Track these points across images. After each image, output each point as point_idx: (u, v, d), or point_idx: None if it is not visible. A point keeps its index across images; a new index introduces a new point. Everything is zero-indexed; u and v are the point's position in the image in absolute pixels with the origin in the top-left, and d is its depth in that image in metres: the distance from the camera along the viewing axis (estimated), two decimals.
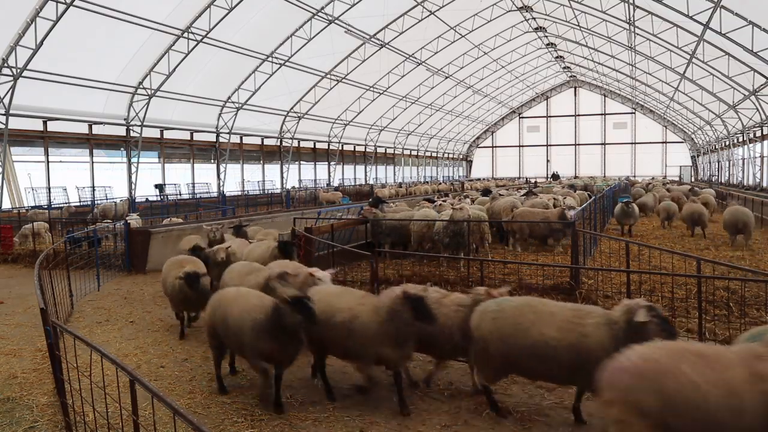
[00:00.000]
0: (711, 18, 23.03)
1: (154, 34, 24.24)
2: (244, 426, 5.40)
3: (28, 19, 19.58)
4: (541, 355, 5.02)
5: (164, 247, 14.00)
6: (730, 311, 8.46)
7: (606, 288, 9.71)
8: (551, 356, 4.97)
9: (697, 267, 7.98)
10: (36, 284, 6.38)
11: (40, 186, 25.29)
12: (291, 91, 34.98)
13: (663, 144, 62.57)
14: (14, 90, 20.77)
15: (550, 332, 5.01)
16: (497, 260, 12.28)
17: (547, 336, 5.00)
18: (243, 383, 6.50)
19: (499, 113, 67.53)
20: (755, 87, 27.38)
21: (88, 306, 10.42)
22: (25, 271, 14.20)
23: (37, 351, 7.71)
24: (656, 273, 10.03)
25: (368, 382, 6.01)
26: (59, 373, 5.06)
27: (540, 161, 67.69)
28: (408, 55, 38.63)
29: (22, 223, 18.45)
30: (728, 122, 36.65)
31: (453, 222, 12.27)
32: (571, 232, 11.00)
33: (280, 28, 29.13)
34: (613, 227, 19.83)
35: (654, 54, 33.69)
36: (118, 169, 29.03)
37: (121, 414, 4.85)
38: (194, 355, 7.51)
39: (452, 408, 5.72)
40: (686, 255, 10.08)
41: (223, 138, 34.03)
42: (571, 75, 62.11)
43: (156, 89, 26.69)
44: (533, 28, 42.07)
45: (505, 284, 10.21)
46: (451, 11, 34.92)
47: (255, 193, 37.12)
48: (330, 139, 44.64)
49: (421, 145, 60.19)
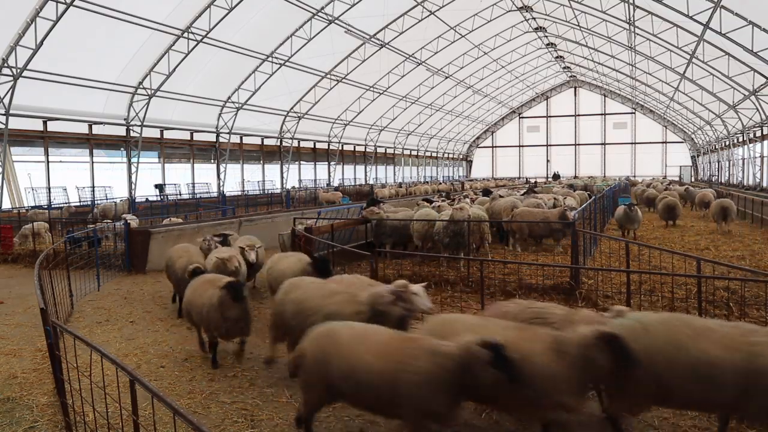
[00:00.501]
0: (711, 18, 23.04)
1: (154, 34, 24.25)
2: (244, 426, 5.39)
3: (28, 19, 19.58)
4: (702, 377, 4.20)
5: (164, 247, 13.99)
6: (730, 311, 8.46)
7: (606, 288, 9.71)
8: (714, 378, 4.18)
9: (697, 267, 7.99)
10: (36, 284, 6.37)
11: (40, 186, 25.29)
12: (291, 91, 34.99)
13: (663, 144, 62.58)
14: (14, 90, 20.77)
15: (713, 350, 4.23)
16: (497, 260, 12.27)
17: (710, 354, 4.21)
18: (243, 383, 6.49)
19: (499, 113, 67.55)
20: (755, 87, 27.39)
21: (88, 306, 10.42)
22: (25, 271, 14.20)
23: (37, 351, 7.71)
24: (656, 273, 10.03)
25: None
26: (59, 373, 5.06)
27: (540, 161, 67.70)
28: (408, 55, 38.63)
29: (22, 223, 18.44)
30: (728, 122, 36.65)
31: (453, 222, 12.27)
32: (571, 232, 11.00)
33: (280, 28, 29.13)
34: (613, 227, 19.84)
35: (654, 54, 33.69)
36: (118, 169, 29.03)
37: (121, 414, 4.85)
38: (194, 355, 7.50)
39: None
40: (686, 255, 10.08)
41: (223, 138, 34.03)
42: (571, 75, 62.12)
43: (156, 89, 26.69)
44: (533, 28, 42.07)
45: (506, 284, 10.28)
46: (451, 11, 34.93)
47: (255, 193, 37.12)
48: (330, 139, 44.65)
49: (421, 145, 60.19)
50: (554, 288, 9.97)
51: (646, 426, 5.23)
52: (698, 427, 5.17)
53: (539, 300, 9.27)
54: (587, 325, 4.54)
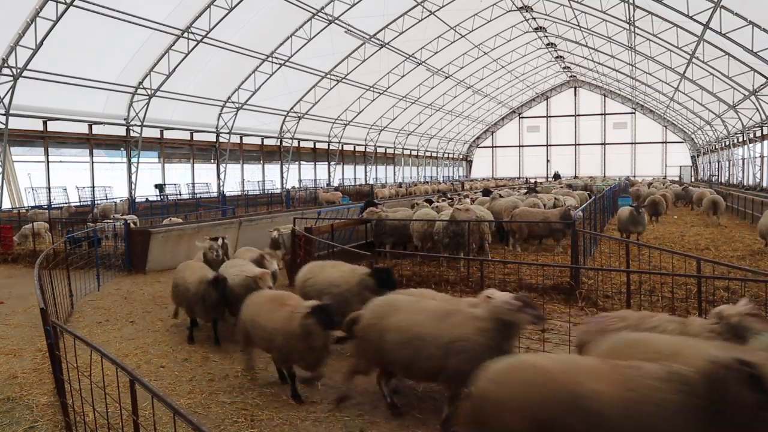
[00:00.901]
0: (711, 18, 23.03)
1: (154, 34, 24.25)
2: (244, 426, 5.39)
3: (28, 19, 19.58)
4: None
5: (164, 247, 14.01)
6: None
7: (606, 288, 9.71)
8: None
9: (697, 267, 7.99)
10: (36, 284, 6.37)
11: (40, 186, 25.30)
12: (291, 91, 34.99)
13: (663, 144, 62.57)
14: (14, 90, 20.77)
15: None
16: (497, 260, 12.28)
17: None
18: (243, 383, 6.49)
19: (499, 113, 67.55)
20: (755, 87, 27.39)
21: (88, 306, 10.42)
22: (25, 271, 14.20)
23: (37, 351, 7.71)
24: (656, 273, 10.03)
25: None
26: (59, 373, 5.06)
27: (540, 161, 67.72)
28: (408, 55, 38.63)
29: (22, 223, 18.45)
30: (728, 122, 36.65)
31: (455, 222, 12.23)
32: (571, 232, 11.00)
33: (280, 28, 29.13)
34: (613, 227, 19.84)
35: (654, 54, 33.69)
36: (118, 169, 29.04)
37: (121, 414, 4.85)
38: (194, 355, 7.50)
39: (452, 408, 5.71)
40: (686, 255, 10.08)
41: (223, 138, 34.03)
42: (571, 75, 62.12)
43: (156, 89, 26.69)
44: (533, 28, 42.08)
45: (506, 284, 10.27)
46: (451, 11, 34.93)
47: (255, 193, 37.14)
48: (330, 139, 44.65)
49: (421, 145, 60.20)
50: (554, 288, 9.98)
51: None
52: None
53: (539, 300, 9.28)
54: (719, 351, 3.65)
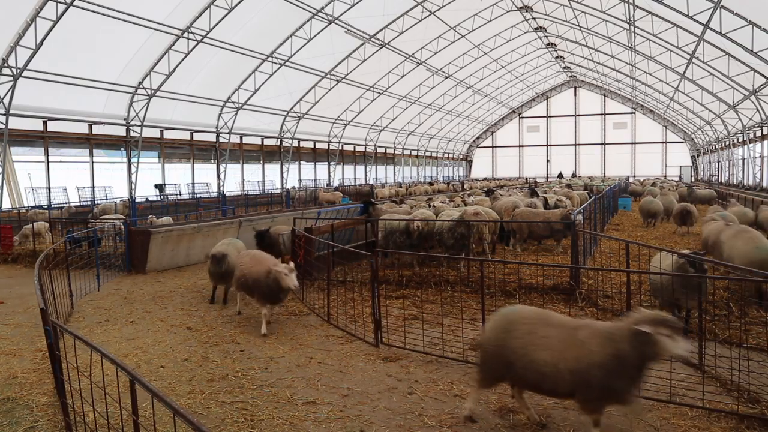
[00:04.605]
0: (711, 18, 23.04)
1: (154, 34, 24.25)
2: (244, 426, 5.39)
3: (28, 19, 19.58)
4: None
5: (164, 248, 14.01)
6: (730, 311, 8.46)
7: (606, 288, 9.71)
8: None
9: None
10: (36, 284, 6.37)
11: (40, 186, 25.30)
12: (291, 91, 35.00)
13: (663, 144, 62.59)
14: (14, 90, 20.78)
15: None
16: (497, 260, 12.27)
17: None
18: (243, 383, 6.49)
19: (499, 113, 67.58)
20: (755, 87, 27.39)
21: (88, 306, 10.42)
22: (25, 271, 14.21)
23: (37, 351, 7.71)
24: (656, 273, 10.01)
25: None
26: (59, 373, 5.05)
27: (540, 161, 67.76)
28: (408, 55, 38.63)
29: (22, 223, 18.46)
30: (728, 122, 36.66)
31: (464, 224, 12.08)
32: (571, 232, 11.00)
33: (280, 28, 29.13)
34: (613, 227, 19.85)
35: (654, 54, 33.70)
36: (118, 169, 29.04)
37: (121, 414, 4.84)
38: (194, 355, 7.50)
39: (453, 408, 5.72)
40: (686, 255, 10.05)
41: (223, 138, 34.03)
42: (571, 75, 62.13)
43: (156, 89, 26.70)
44: (533, 28, 42.09)
45: (506, 284, 10.27)
46: (451, 11, 34.94)
47: (255, 193, 37.13)
48: (330, 139, 44.65)
49: (421, 145, 60.21)
50: (554, 288, 9.97)
51: (646, 426, 5.23)
52: (698, 427, 5.17)
53: (539, 300, 9.29)
54: None
